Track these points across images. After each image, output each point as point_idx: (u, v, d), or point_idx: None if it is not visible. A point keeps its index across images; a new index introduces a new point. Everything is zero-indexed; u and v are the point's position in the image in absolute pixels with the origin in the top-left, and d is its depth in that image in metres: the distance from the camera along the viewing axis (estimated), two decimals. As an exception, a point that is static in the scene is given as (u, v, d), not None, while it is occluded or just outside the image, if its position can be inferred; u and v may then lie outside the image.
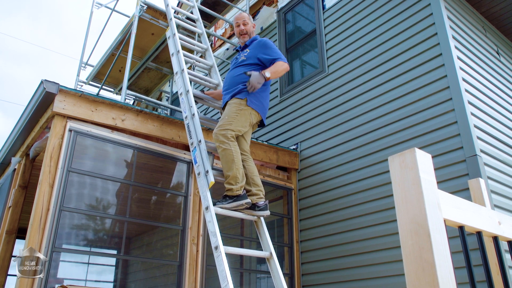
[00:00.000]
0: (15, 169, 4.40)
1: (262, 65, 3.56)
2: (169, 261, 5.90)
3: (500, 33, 5.18)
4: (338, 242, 4.21)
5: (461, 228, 1.25)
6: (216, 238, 2.91)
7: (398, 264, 3.62)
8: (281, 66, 3.50)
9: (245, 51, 3.75)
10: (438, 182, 1.35)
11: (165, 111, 7.41)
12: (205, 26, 6.38)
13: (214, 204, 3.15)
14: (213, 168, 3.36)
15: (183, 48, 4.45)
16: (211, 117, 6.57)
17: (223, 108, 3.62)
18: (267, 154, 4.59)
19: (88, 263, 7.77)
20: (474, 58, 4.20)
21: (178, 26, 4.78)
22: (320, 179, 4.62)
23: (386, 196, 3.89)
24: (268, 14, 6.43)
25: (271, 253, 3.16)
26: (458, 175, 3.44)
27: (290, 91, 5.40)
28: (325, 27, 5.23)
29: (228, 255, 2.89)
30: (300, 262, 4.53)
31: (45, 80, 3.32)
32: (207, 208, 3.11)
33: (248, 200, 3.21)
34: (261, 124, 3.67)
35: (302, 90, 5.22)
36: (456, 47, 3.90)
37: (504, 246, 2.99)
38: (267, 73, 3.40)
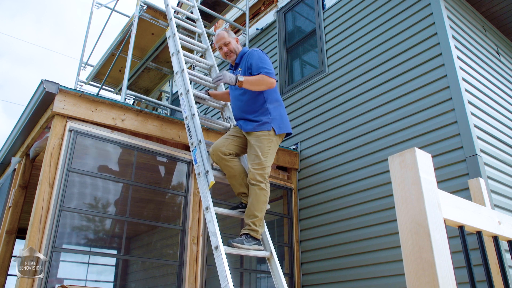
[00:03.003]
0: (15, 169, 4.40)
1: None
2: (169, 261, 5.90)
3: (500, 33, 5.18)
4: (338, 242, 4.21)
5: (461, 228, 1.25)
6: (216, 238, 2.91)
7: (398, 263, 3.62)
8: (262, 80, 3.26)
9: (238, 70, 3.56)
10: (438, 182, 1.35)
11: (165, 111, 7.41)
12: (205, 26, 6.38)
13: (235, 241, 3.00)
14: (213, 168, 3.36)
15: (183, 48, 4.45)
16: (211, 117, 6.57)
17: (241, 131, 3.42)
18: (267, 154, 4.58)
19: (88, 263, 7.77)
20: (474, 58, 4.20)
21: (178, 26, 4.78)
22: (320, 179, 4.61)
23: (386, 196, 3.89)
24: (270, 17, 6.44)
25: (271, 253, 3.16)
26: (458, 174, 3.44)
27: (290, 91, 5.40)
28: (325, 27, 5.23)
29: (228, 255, 2.89)
30: (300, 262, 4.53)
31: (45, 80, 3.32)
32: (207, 208, 3.11)
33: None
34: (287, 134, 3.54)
35: (302, 90, 5.22)
36: (456, 47, 3.90)
37: (504, 245, 2.99)
38: (241, 77, 3.22)
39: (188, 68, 4.20)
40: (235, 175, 3.28)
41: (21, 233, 4.17)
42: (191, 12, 5.26)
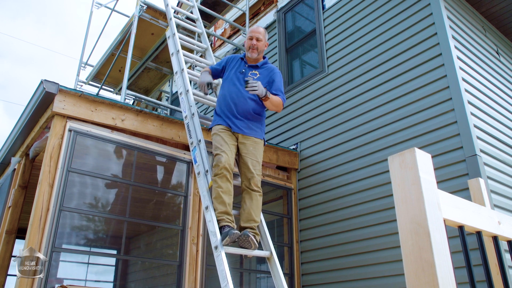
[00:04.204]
0: (15, 169, 4.40)
1: None
2: (169, 261, 5.90)
3: (500, 33, 5.18)
4: (338, 242, 4.21)
5: (461, 228, 1.25)
6: (216, 237, 2.91)
7: (398, 264, 3.62)
8: (280, 104, 3.45)
9: (253, 72, 3.56)
10: (438, 182, 1.35)
11: (165, 111, 7.41)
12: (205, 26, 6.38)
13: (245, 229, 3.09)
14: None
15: (183, 47, 4.45)
16: (211, 116, 6.56)
17: (232, 134, 3.38)
18: (267, 154, 4.59)
19: (88, 263, 7.77)
20: (474, 58, 4.20)
21: (178, 26, 4.78)
22: (320, 179, 4.61)
23: (386, 196, 3.89)
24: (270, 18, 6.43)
25: (271, 253, 3.16)
26: (458, 175, 3.44)
27: (289, 91, 5.40)
28: (325, 27, 5.23)
29: (228, 255, 2.89)
30: (300, 262, 4.53)
31: (45, 80, 3.32)
32: (207, 208, 3.11)
33: None
34: None
35: (302, 90, 5.22)
36: (456, 47, 3.90)
37: (504, 246, 2.99)
38: (269, 94, 3.35)
39: (188, 68, 4.20)
40: (231, 190, 3.18)
41: (21, 233, 4.17)
42: (191, 12, 5.26)
